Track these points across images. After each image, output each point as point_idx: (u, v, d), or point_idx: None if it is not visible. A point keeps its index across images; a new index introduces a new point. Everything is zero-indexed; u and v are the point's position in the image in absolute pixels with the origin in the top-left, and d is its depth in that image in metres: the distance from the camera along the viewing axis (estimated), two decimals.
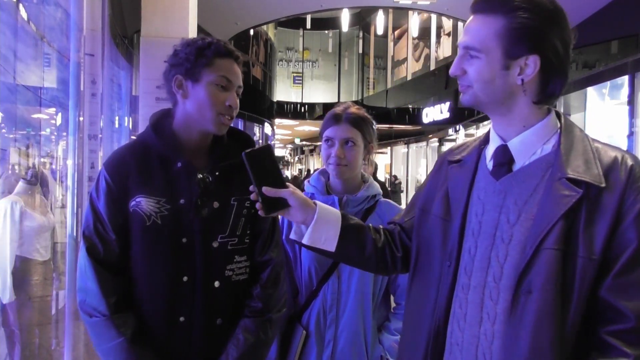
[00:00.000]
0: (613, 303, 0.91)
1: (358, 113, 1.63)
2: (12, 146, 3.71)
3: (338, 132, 1.60)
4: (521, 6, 0.97)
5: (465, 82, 1.04)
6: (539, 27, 0.97)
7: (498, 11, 0.98)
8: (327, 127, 1.62)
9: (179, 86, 1.32)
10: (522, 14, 0.97)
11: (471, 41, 1.01)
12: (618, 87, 7.08)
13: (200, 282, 1.30)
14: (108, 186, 1.30)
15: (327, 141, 1.62)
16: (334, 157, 1.58)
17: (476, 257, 1.03)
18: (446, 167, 1.17)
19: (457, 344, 1.04)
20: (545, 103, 1.03)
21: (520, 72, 0.99)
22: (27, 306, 3.35)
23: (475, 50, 1.01)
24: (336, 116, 1.61)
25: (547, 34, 0.97)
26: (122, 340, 1.24)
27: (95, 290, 1.26)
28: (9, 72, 3.39)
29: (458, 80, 1.06)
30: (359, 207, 1.64)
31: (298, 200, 1.16)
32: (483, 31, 1.00)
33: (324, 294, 1.59)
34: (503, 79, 1.00)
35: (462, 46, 1.04)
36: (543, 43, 0.97)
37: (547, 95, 1.01)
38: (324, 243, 1.19)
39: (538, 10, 0.97)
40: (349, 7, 13.06)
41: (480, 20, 1.01)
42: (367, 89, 23.97)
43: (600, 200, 0.93)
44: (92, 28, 3.07)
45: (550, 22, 0.98)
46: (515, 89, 1.01)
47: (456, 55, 1.07)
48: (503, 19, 0.98)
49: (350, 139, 1.59)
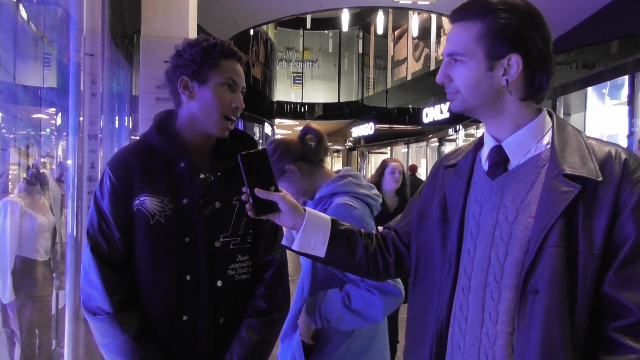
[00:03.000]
0: (616, 297, 0.91)
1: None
2: (12, 146, 3.71)
3: None
4: (498, 8, 1.00)
5: (452, 88, 1.06)
6: (517, 26, 1.00)
7: (476, 16, 1.02)
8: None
9: (185, 87, 1.33)
10: (500, 14, 1.00)
11: (454, 47, 1.04)
12: (618, 87, 7.09)
13: (203, 281, 1.31)
14: (112, 185, 1.31)
15: None
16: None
17: (475, 258, 1.04)
18: (442, 172, 1.18)
19: (459, 347, 1.04)
20: (534, 99, 1.05)
21: (505, 73, 1.01)
22: (27, 306, 3.35)
23: (458, 55, 1.03)
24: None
25: (526, 32, 1.00)
26: (126, 337, 1.25)
27: (100, 288, 1.27)
28: (9, 72, 3.39)
29: (445, 88, 1.08)
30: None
31: (288, 204, 1.17)
32: (464, 36, 1.03)
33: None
34: (488, 81, 1.02)
35: (445, 54, 1.06)
36: (523, 41, 1.00)
37: (534, 91, 1.03)
38: (313, 248, 1.19)
39: (514, 10, 1.00)
40: (349, 7, 13.08)
41: (460, 27, 1.04)
42: (367, 89, 23.97)
43: (597, 194, 0.94)
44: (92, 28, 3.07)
45: (527, 20, 1.00)
46: (501, 90, 1.02)
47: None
48: (482, 22, 1.01)
49: None
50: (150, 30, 4.22)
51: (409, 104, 17.85)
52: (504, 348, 0.97)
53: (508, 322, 0.97)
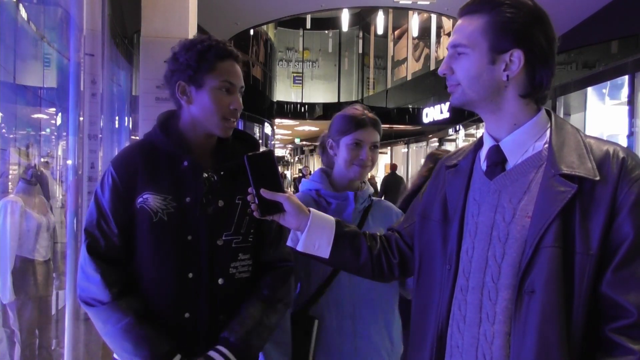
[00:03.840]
0: (614, 298, 0.91)
1: (376, 118, 1.71)
2: (12, 146, 3.71)
3: (367, 136, 1.65)
4: (505, 3, 1.01)
5: (453, 80, 1.07)
6: (522, 21, 1.01)
7: (483, 10, 1.03)
8: (353, 130, 1.63)
9: (183, 92, 1.34)
10: (506, 9, 1.01)
11: (459, 38, 1.05)
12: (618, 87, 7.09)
13: (205, 279, 1.32)
14: (114, 182, 1.32)
15: (355, 144, 1.64)
16: (363, 159, 1.63)
17: (473, 258, 1.04)
18: (444, 172, 1.19)
19: (457, 347, 1.05)
20: (533, 97, 1.05)
21: (506, 68, 1.02)
22: (27, 306, 3.35)
23: (462, 46, 1.04)
24: (362, 121, 1.65)
25: (531, 28, 1.01)
26: (130, 319, 1.25)
27: (98, 281, 1.27)
28: (9, 72, 3.39)
29: (447, 80, 1.08)
30: (364, 204, 1.69)
31: (293, 205, 1.18)
32: (469, 28, 1.04)
33: (338, 286, 1.57)
34: (490, 74, 1.02)
35: (450, 45, 1.07)
36: (527, 37, 1.00)
37: (535, 88, 1.03)
38: (317, 249, 1.20)
39: (521, 7, 1.01)
40: (349, 7, 13.06)
41: (467, 20, 1.05)
42: (367, 89, 23.95)
43: (594, 194, 0.94)
44: (92, 28, 3.06)
45: (532, 18, 1.01)
46: (501, 85, 1.03)
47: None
48: (488, 15, 1.02)
49: (376, 142, 1.67)
50: (150, 30, 4.22)
51: (409, 104, 17.84)
52: (501, 348, 0.97)
53: (505, 322, 0.97)
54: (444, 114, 13.90)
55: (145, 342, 1.24)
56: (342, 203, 1.64)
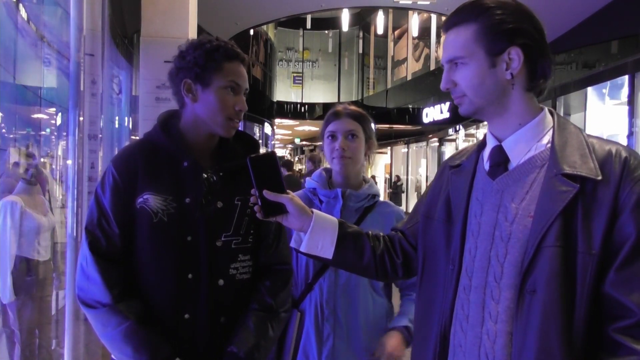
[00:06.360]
0: (617, 297, 0.91)
1: (357, 109, 1.72)
2: (12, 146, 3.71)
3: (340, 125, 1.67)
4: (489, 7, 1.02)
5: (458, 92, 1.07)
6: (511, 20, 1.02)
7: (469, 19, 1.04)
8: (328, 124, 1.69)
9: (188, 90, 1.33)
10: (494, 12, 1.02)
11: (453, 52, 1.06)
12: (618, 87, 7.10)
13: (205, 280, 1.31)
14: (115, 181, 1.31)
15: (330, 136, 1.68)
16: (338, 149, 1.64)
17: (476, 258, 1.04)
18: (447, 172, 1.19)
19: (460, 346, 1.05)
20: (538, 89, 1.06)
21: (508, 67, 1.02)
22: (27, 306, 3.35)
23: (459, 58, 1.04)
24: (337, 112, 1.70)
25: (521, 24, 1.02)
26: (130, 322, 1.24)
27: (99, 282, 1.26)
28: (9, 72, 3.40)
29: (452, 93, 1.09)
30: (360, 204, 1.67)
31: (296, 207, 1.18)
32: (461, 39, 1.04)
33: (320, 287, 1.61)
34: (493, 78, 1.03)
35: (445, 61, 1.08)
36: (520, 33, 1.01)
37: (538, 79, 1.04)
38: (320, 250, 1.20)
39: (506, 6, 1.03)
40: (349, 7, 13.07)
41: (454, 33, 1.06)
42: (367, 89, 23.97)
43: (596, 193, 0.93)
44: (92, 28, 3.06)
45: (519, 14, 1.03)
46: (506, 85, 1.03)
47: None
48: (475, 23, 1.03)
49: (352, 131, 1.66)
50: (150, 30, 4.21)
51: (409, 104, 17.86)
52: (503, 347, 0.97)
53: (508, 322, 0.97)
54: (444, 114, 13.91)
55: (145, 347, 1.23)
56: (331, 200, 1.65)
